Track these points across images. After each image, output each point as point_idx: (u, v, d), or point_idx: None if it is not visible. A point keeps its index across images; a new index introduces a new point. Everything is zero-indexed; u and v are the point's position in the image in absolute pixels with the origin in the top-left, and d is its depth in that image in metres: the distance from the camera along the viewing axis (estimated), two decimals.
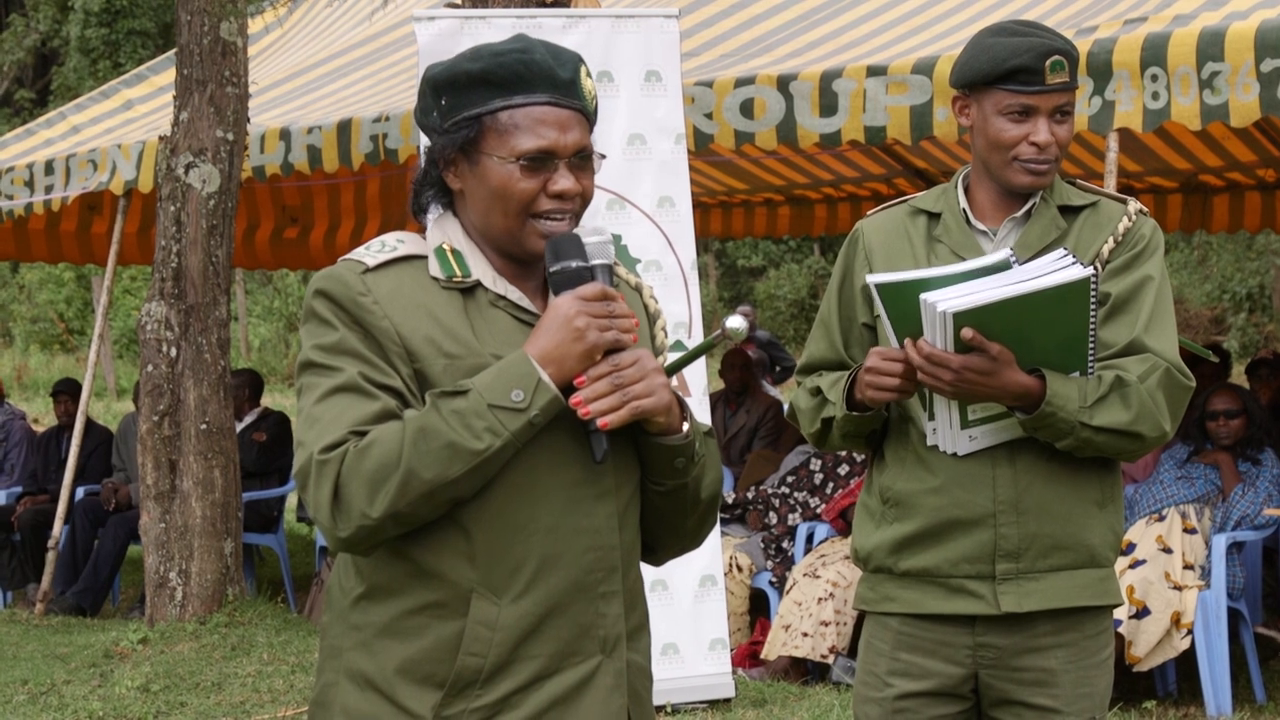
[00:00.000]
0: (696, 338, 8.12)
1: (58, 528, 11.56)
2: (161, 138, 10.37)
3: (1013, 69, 3.76)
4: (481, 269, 2.98)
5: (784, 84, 8.63)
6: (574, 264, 2.91)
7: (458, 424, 2.80)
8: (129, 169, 11.41)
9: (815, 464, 9.69)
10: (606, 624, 2.96)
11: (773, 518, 9.62)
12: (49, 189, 12.11)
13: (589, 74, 3.02)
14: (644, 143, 8.07)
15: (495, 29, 7.85)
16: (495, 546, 2.88)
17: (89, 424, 12.28)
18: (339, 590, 3.02)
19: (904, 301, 3.66)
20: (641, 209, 8.04)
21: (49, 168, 12.14)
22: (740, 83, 8.79)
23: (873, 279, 3.71)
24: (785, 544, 9.43)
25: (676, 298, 8.08)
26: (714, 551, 8.07)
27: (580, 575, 2.92)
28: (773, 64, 9.27)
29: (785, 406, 11.49)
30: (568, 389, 2.87)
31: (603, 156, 3.04)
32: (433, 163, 3.01)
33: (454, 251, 2.99)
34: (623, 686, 2.97)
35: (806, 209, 15.07)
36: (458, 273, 2.97)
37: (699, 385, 8.10)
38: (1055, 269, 3.55)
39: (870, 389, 3.75)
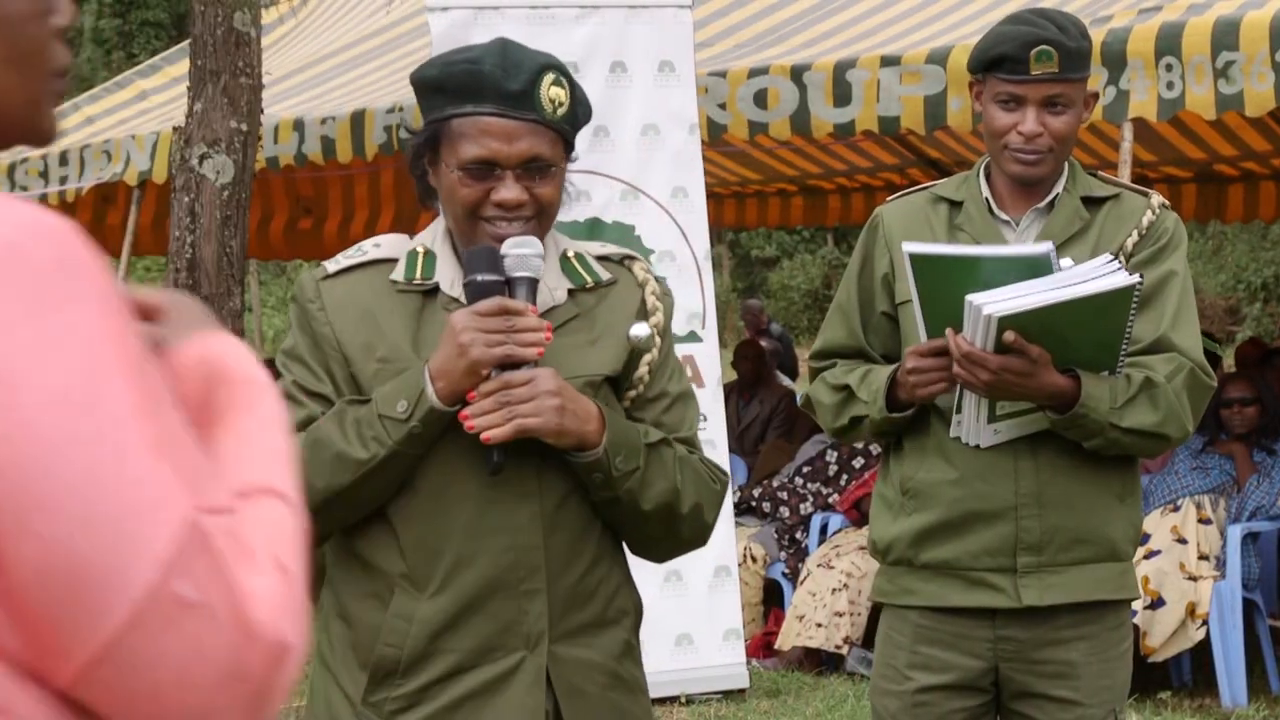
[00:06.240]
0: (710, 329, 8.12)
1: None
2: (175, 128, 10.38)
3: (997, 57, 3.79)
4: (445, 271, 3.08)
5: (798, 74, 8.62)
6: (479, 277, 2.97)
7: (352, 432, 2.94)
8: (143, 160, 11.41)
9: (831, 455, 9.68)
10: (530, 621, 3.01)
11: (783, 511, 9.61)
12: (63, 180, 12.11)
13: (559, 82, 3.05)
14: (657, 133, 8.07)
15: (509, 20, 7.85)
16: (417, 542, 3.00)
17: None
18: (320, 575, 3.17)
19: (935, 276, 3.66)
20: (655, 199, 8.05)
21: (63, 158, 12.14)
22: (754, 73, 8.78)
23: (909, 247, 3.69)
24: (799, 534, 9.42)
25: (690, 289, 8.08)
26: (728, 542, 8.07)
27: (499, 573, 3.00)
28: (786, 54, 9.25)
29: (798, 397, 11.47)
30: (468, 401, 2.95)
31: (573, 159, 3.11)
32: (415, 159, 3.11)
33: (426, 253, 3.09)
34: (542, 681, 3.02)
35: (820, 199, 15.03)
36: (418, 276, 3.07)
37: (713, 376, 8.10)
38: (1102, 274, 3.56)
39: (919, 388, 3.73)
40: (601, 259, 3.20)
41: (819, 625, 8.51)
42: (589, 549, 3.09)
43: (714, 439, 8.08)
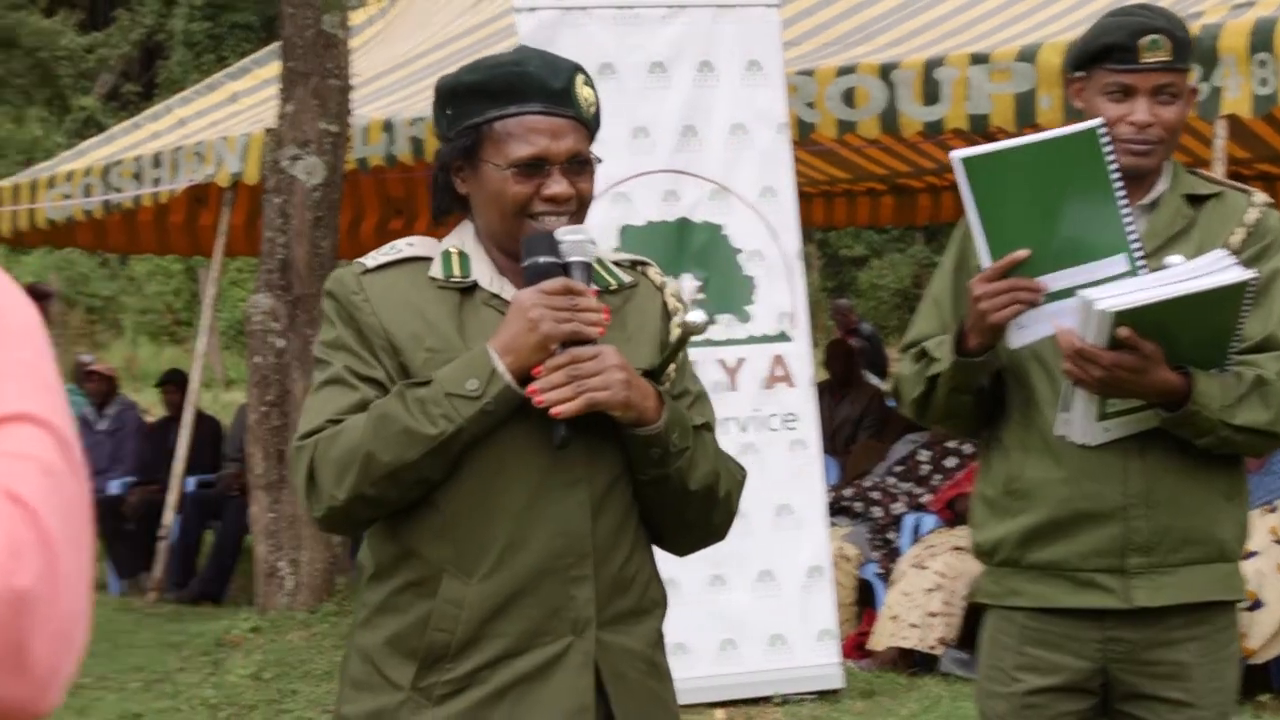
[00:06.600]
0: (802, 328, 8.11)
1: (169, 517, 11.69)
2: (267, 130, 10.46)
3: (1106, 46, 3.74)
4: (482, 270, 3.18)
5: (886, 72, 8.61)
6: (541, 260, 3.07)
7: (417, 410, 2.99)
8: (235, 161, 11.51)
9: (924, 454, 9.65)
10: (577, 606, 3.08)
11: (875, 511, 9.59)
12: (156, 182, 12.23)
13: (588, 83, 3.18)
14: (746, 132, 8.06)
15: (596, 20, 7.87)
16: (465, 528, 3.06)
17: (198, 415, 12.39)
18: (362, 573, 3.23)
19: (991, 180, 3.59)
20: (744, 199, 8.04)
21: (156, 160, 12.26)
22: (842, 71, 8.78)
23: (958, 153, 3.61)
24: (890, 534, 9.40)
25: (779, 288, 8.07)
26: (821, 542, 8.07)
27: (548, 559, 3.06)
28: (874, 52, 9.24)
29: (890, 396, 11.38)
30: (534, 379, 3.03)
31: (599, 160, 3.18)
32: (442, 168, 3.21)
33: (460, 254, 3.19)
34: (589, 666, 3.09)
35: (909, 198, 14.99)
36: (456, 273, 3.17)
37: (804, 376, 8.09)
38: (1217, 269, 3.53)
39: (990, 315, 3.63)
40: (616, 264, 3.31)
41: (913, 626, 8.48)
42: (628, 538, 3.17)
43: (806, 438, 8.07)
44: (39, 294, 17.26)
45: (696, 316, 3.19)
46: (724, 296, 8.00)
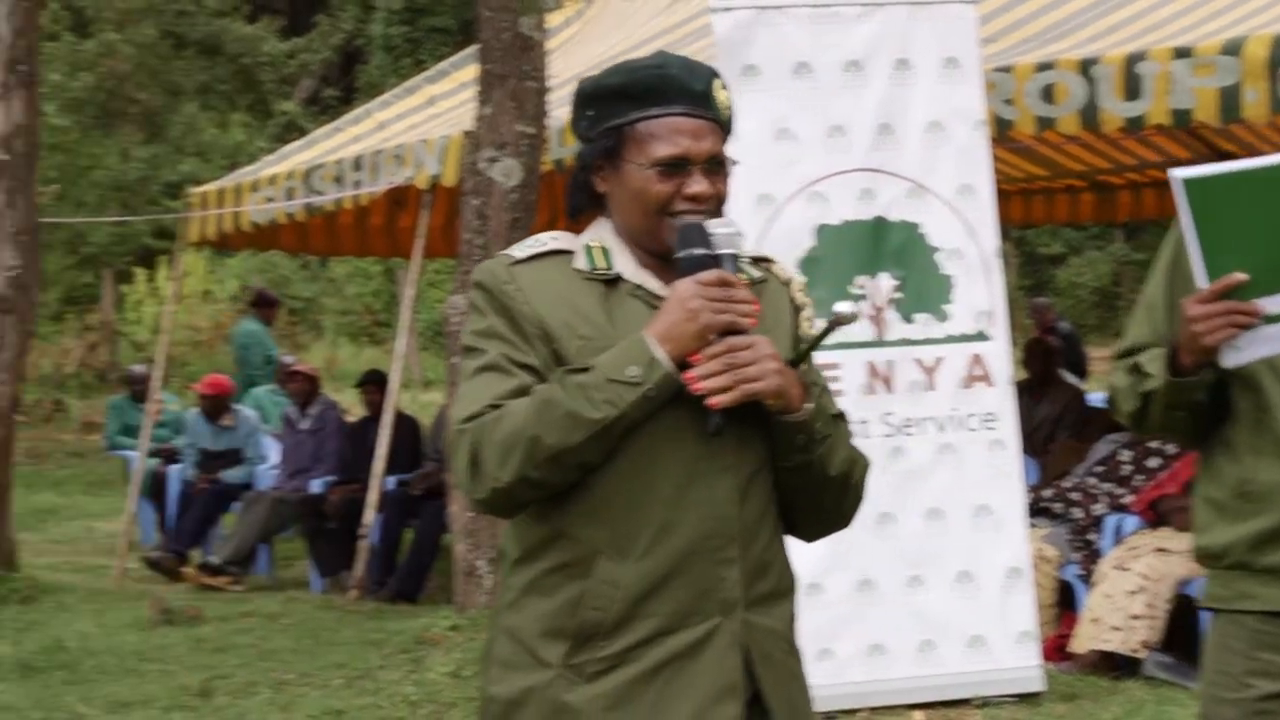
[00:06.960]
0: (1001, 327, 8.03)
1: (369, 516, 11.84)
2: (465, 133, 10.55)
3: None
4: (624, 263, 3.27)
5: (1086, 68, 8.51)
6: (698, 251, 3.16)
7: (579, 396, 3.08)
8: (433, 164, 11.62)
9: (1125, 455, 9.51)
10: (725, 588, 3.18)
11: (1075, 512, 9.47)
12: (357, 184, 12.38)
13: (724, 86, 3.28)
14: (943, 130, 8.01)
15: (791, 19, 7.86)
16: (620, 512, 3.16)
17: (397, 415, 12.53)
18: (505, 558, 3.33)
19: (1212, 201, 3.49)
20: (941, 197, 7.99)
21: (356, 164, 12.41)
22: (1041, 67, 8.69)
23: (1179, 173, 3.51)
24: (1091, 536, 9.28)
25: (977, 287, 8.00)
26: (1021, 542, 7.98)
27: (699, 542, 3.16)
28: (1074, 48, 9.14)
29: (1089, 395, 11.24)
30: (689, 366, 3.12)
31: (735, 163, 3.27)
32: (583, 168, 3.30)
33: (602, 248, 3.29)
34: (737, 646, 3.18)
35: (1110, 195, 14.79)
36: (600, 265, 3.26)
37: (1003, 375, 8.01)
38: None
39: (1204, 338, 3.54)
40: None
41: (1115, 628, 8.37)
42: (769, 523, 3.28)
43: (1005, 438, 8.00)
44: (268, 300, 17.81)
45: (845, 306, 3.24)
46: (922, 296, 7.95)
